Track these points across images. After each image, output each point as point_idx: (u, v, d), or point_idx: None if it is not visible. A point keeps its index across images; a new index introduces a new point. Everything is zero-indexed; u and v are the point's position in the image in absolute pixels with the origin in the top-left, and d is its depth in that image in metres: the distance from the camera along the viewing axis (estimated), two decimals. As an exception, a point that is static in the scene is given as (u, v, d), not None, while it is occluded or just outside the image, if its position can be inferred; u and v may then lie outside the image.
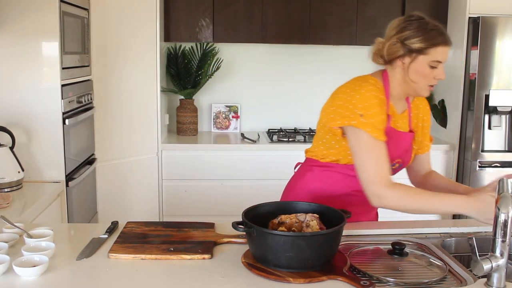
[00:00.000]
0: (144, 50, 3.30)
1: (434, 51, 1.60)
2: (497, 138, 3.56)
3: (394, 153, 1.69)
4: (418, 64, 1.61)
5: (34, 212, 2.07)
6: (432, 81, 1.63)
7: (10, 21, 2.31)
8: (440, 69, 1.62)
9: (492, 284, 1.25)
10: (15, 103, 2.37)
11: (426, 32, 1.61)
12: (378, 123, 1.58)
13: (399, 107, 1.74)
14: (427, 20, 1.65)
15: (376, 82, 1.66)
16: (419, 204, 1.54)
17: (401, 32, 1.64)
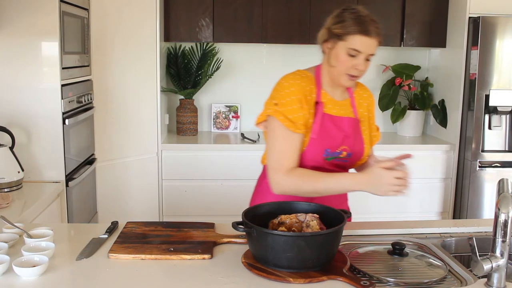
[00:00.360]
0: (144, 50, 3.30)
1: (352, 38, 1.61)
2: (497, 138, 3.56)
3: (336, 139, 1.69)
4: (337, 50, 1.63)
5: (34, 212, 2.07)
6: (350, 70, 1.64)
7: (10, 21, 2.31)
8: (359, 59, 1.63)
9: (492, 284, 1.25)
10: (15, 103, 2.37)
11: (348, 20, 1.63)
12: (290, 112, 1.62)
13: (338, 95, 1.75)
14: (357, 10, 1.66)
15: (303, 73, 1.72)
16: (315, 187, 1.60)
17: (330, 20, 1.69)
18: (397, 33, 3.78)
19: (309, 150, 1.67)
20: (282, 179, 1.62)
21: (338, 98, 1.75)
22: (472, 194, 3.55)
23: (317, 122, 1.67)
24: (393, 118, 3.92)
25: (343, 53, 1.62)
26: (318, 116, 1.68)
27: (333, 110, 1.72)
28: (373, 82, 4.13)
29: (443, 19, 3.77)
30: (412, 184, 3.81)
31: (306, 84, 1.69)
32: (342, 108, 1.75)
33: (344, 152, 1.72)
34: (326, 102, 1.71)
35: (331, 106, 1.72)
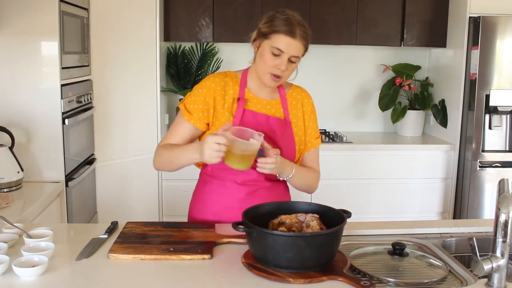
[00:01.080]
0: (144, 50, 3.30)
1: (275, 37, 1.63)
2: (497, 138, 3.56)
3: None
4: (262, 48, 1.67)
5: (33, 212, 2.07)
6: (273, 69, 1.66)
7: (10, 21, 2.31)
8: (280, 58, 1.64)
9: (492, 284, 1.25)
10: (15, 103, 2.37)
11: (274, 20, 1.65)
12: (191, 103, 1.74)
13: (265, 94, 1.77)
14: (286, 12, 1.67)
15: (226, 72, 1.80)
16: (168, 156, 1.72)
17: (263, 20, 1.71)
18: (397, 33, 3.78)
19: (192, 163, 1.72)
20: (155, 152, 1.77)
21: (265, 97, 1.78)
22: (472, 194, 3.55)
23: (237, 117, 1.71)
24: (393, 118, 3.92)
25: (267, 51, 1.65)
26: (239, 111, 1.72)
27: (255, 107, 1.75)
28: (373, 82, 4.14)
29: (444, 19, 3.77)
30: (412, 184, 3.80)
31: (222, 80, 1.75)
32: (267, 107, 1.77)
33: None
34: (249, 99, 1.75)
35: (252, 104, 1.75)
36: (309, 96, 1.87)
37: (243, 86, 1.76)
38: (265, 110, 1.76)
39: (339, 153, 3.58)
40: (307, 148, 1.83)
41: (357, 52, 4.09)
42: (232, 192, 1.74)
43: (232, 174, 1.73)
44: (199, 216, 1.81)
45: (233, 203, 1.72)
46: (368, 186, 3.65)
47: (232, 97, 1.74)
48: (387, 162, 3.64)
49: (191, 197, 1.92)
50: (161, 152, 1.75)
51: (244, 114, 1.72)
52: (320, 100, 1.93)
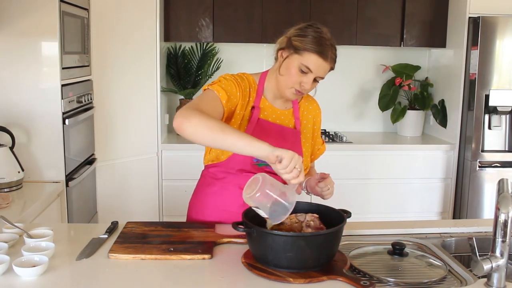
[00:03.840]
0: (144, 50, 3.30)
1: (307, 55, 1.60)
2: (497, 138, 3.56)
3: None
4: (291, 61, 1.63)
5: (34, 212, 2.07)
6: (297, 85, 1.63)
7: (11, 21, 2.31)
8: (308, 77, 1.62)
9: (492, 284, 1.25)
10: (15, 103, 2.37)
11: (309, 37, 1.61)
12: (226, 85, 1.61)
13: (279, 104, 1.76)
14: (321, 30, 1.64)
15: (245, 75, 1.73)
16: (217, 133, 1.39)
17: (294, 31, 1.67)
18: (397, 33, 3.78)
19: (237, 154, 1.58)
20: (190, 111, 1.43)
21: (280, 107, 1.76)
22: (472, 194, 3.55)
23: (250, 126, 1.68)
24: (393, 118, 3.92)
25: (295, 66, 1.62)
26: (253, 120, 1.69)
27: (270, 117, 1.73)
28: (373, 82, 4.14)
29: (443, 19, 3.78)
30: (412, 184, 3.80)
31: (245, 82, 1.70)
32: (281, 117, 1.75)
33: None
34: (264, 108, 1.72)
35: (268, 113, 1.73)
36: (319, 107, 1.88)
37: (260, 94, 1.72)
38: (279, 121, 1.74)
39: (339, 153, 3.58)
40: (316, 155, 1.88)
41: (357, 52, 4.09)
42: (234, 197, 1.71)
43: (237, 180, 1.71)
44: (198, 217, 1.81)
45: (233, 208, 1.70)
46: (368, 186, 3.65)
47: (250, 105, 1.70)
48: (387, 162, 3.64)
49: (191, 196, 1.91)
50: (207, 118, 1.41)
51: (257, 124, 1.69)
52: (320, 100, 1.93)
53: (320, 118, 1.88)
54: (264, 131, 1.69)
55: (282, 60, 1.66)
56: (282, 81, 1.66)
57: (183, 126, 1.40)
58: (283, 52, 1.66)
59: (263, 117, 1.72)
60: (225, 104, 1.60)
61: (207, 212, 1.78)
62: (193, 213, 1.85)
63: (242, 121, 1.69)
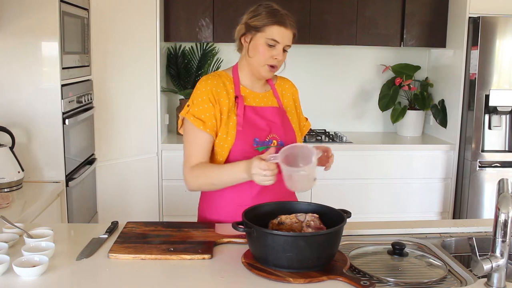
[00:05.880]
0: (144, 50, 3.30)
1: (269, 29, 1.69)
2: (497, 138, 3.56)
3: (262, 128, 1.75)
4: (256, 41, 1.72)
5: (34, 212, 2.07)
6: (269, 60, 1.72)
7: (10, 21, 2.31)
8: (277, 49, 1.70)
9: (492, 284, 1.25)
10: (15, 103, 2.37)
11: (264, 13, 1.71)
12: (201, 112, 1.71)
13: (258, 87, 1.82)
14: (271, 5, 1.74)
15: (218, 73, 1.83)
16: (210, 179, 1.70)
17: (246, 15, 1.78)
18: (397, 33, 3.78)
19: (237, 142, 1.72)
20: (188, 175, 1.74)
21: (259, 91, 1.83)
22: (472, 194, 3.55)
23: (239, 114, 1.73)
24: (393, 118, 3.92)
25: (262, 43, 1.71)
26: (240, 109, 1.74)
27: (253, 102, 1.79)
28: (373, 82, 4.14)
29: (443, 19, 3.77)
30: (412, 184, 3.81)
31: (219, 82, 1.77)
32: (264, 100, 1.81)
33: (274, 141, 1.77)
34: (246, 95, 1.78)
35: (251, 99, 1.79)
36: (294, 85, 1.95)
37: (237, 84, 1.80)
38: (263, 103, 1.81)
39: (339, 153, 3.55)
40: (303, 132, 1.94)
41: (357, 52, 4.09)
42: (245, 189, 1.74)
43: None
44: (213, 217, 1.80)
45: (246, 201, 1.70)
46: (368, 186, 3.65)
47: (233, 96, 1.76)
48: (387, 162, 3.64)
49: (200, 198, 1.91)
50: (198, 175, 1.71)
51: (245, 111, 1.75)
52: (320, 100, 1.93)
53: (298, 96, 1.94)
54: (253, 116, 1.75)
55: (247, 45, 1.75)
56: (254, 62, 1.75)
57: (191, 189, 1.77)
58: (245, 37, 1.76)
59: (247, 103, 1.77)
60: (209, 128, 1.71)
61: (221, 211, 1.78)
62: (206, 214, 1.84)
63: (230, 113, 1.74)
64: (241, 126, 1.73)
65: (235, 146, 1.72)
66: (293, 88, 1.94)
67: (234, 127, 1.73)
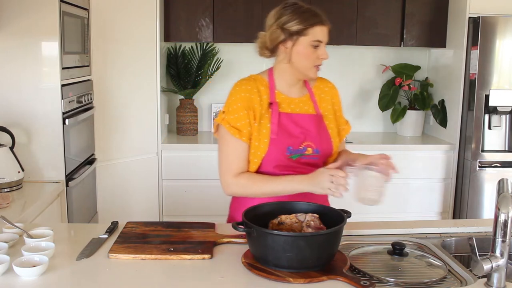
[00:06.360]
0: (144, 50, 3.30)
1: (312, 31, 1.67)
2: (497, 138, 3.56)
3: (297, 136, 1.71)
4: (300, 46, 1.68)
5: (34, 212, 2.07)
6: (316, 61, 1.70)
7: (10, 21, 2.31)
8: (322, 48, 1.70)
9: (492, 284, 1.25)
10: (15, 103, 2.37)
11: (301, 15, 1.67)
12: (236, 120, 1.69)
13: (295, 92, 1.77)
14: (300, 4, 1.71)
15: (253, 77, 1.78)
16: (261, 188, 1.67)
17: (279, 19, 1.69)
18: (397, 33, 3.78)
19: (271, 150, 1.68)
20: (231, 181, 1.69)
21: (296, 96, 1.77)
22: (472, 194, 3.55)
23: (274, 122, 1.70)
24: (393, 118, 3.92)
25: (307, 46, 1.67)
26: (274, 116, 1.70)
27: (288, 108, 1.74)
28: (373, 82, 4.14)
29: (443, 19, 3.77)
30: (412, 184, 3.80)
31: (253, 87, 1.73)
32: (300, 105, 1.76)
33: (309, 148, 1.72)
34: (281, 101, 1.74)
35: (286, 105, 1.74)
36: (335, 87, 1.89)
37: (273, 89, 1.75)
38: (298, 109, 1.75)
39: (339, 153, 3.58)
40: (341, 136, 1.86)
41: (357, 52, 4.09)
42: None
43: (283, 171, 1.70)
44: None
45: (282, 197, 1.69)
46: (368, 186, 3.64)
47: (267, 102, 1.72)
48: (387, 162, 3.64)
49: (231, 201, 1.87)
50: (245, 185, 1.68)
51: (280, 118, 1.71)
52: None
53: (339, 98, 1.87)
54: (287, 123, 1.71)
55: (289, 51, 1.69)
56: (300, 66, 1.70)
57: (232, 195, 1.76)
58: (285, 44, 1.69)
59: (282, 110, 1.73)
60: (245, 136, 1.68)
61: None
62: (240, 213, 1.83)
63: (263, 120, 1.70)
64: (275, 134, 1.68)
65: (268, 154, 1.68)
66: (333, 90, 1.86)
67: (267, 135, 1.69)
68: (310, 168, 1.70)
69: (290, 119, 1.72)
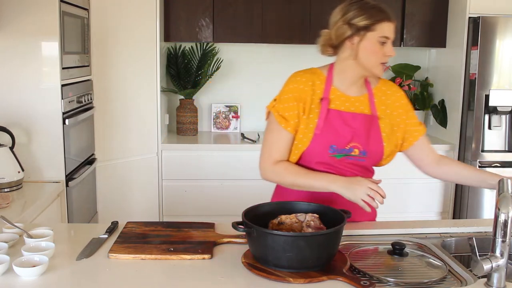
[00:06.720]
0: (144, 50, 3.30)
1: (380, 26, 1.63)
2: (497, 138, 3.56)
3: (343, 135, 1.68)
4: (367, 42, 1.64)
5: (34, 212, 2.07)
6: (382, 58, 1.66)
7: (10, 21, 2.31)
8: (389, 45, 1.66)
9: (492, 284, 1.25)
10: (15, 103, 2.37)
11: (368, 10, 1.64)
12: (285, 110, 1.69)
13: (354, 91, 1.74)
14: (366, 0, 1.68)
15: (313, 70, 1.77)
16: (295, 180, 1.68)
17: (345, 15, 1.67)
18: (397, 33, 3.76)
19: (313, 146, 1.67)
20: (269, 168, 1.71)
21: (353, 94, 1.74)
22: (472, 194, 3.55)
23: (321, 117, 1.68)
24: (393, 118, 3.92)
25: (374, 43, 1.64)
26: (323, 112, 1.68)
27: (342, 106, 1.71)
28: (373, 82, 4.14)
29: (443, 19, 3.77)
30: (412, 184, 3.79)
31: (308, 80, 1.71)
32: (355, 104, 1.73)
33: (356, 149, 1.70)
34: (335, 98, 1.71)
35: (340, 102, 1.71)
36: (400, 89, 1.85)
37: (329, 85, 1.72)
38: (353, 108, 1.72)
39: (339, 153, 3.58)
40: (414, 137, 1.85)
41: (357, 52, 4.08)
42: None
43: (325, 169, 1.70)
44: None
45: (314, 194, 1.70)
46: (368, 186, 3.65)
47: (319, 97, 1.70)
48: (387, 162, 3.64)
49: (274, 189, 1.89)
50: (281, 173, 1.69)
51: (328, 114, 1.68)
52: (320, 100, 1.95)
53: (406, 100, 1.83)
54: (335, 121, 1.68)
55: (356, 47, 1.66)
56: (367, 63, 1.66)
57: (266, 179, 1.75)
58: (353, 39, 1.66)
59: (334, 107, 1.70)
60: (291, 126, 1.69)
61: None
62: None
63: (312, 115, 1.69)
64: (320, 130, 1.67)
65: (309, 149, 1.68)
66: (397, 93, 1.81)
67: (312, 129, 1.67)
68: (355, 169, 1.71)
69: (340, 117, 1.69)
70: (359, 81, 1.75)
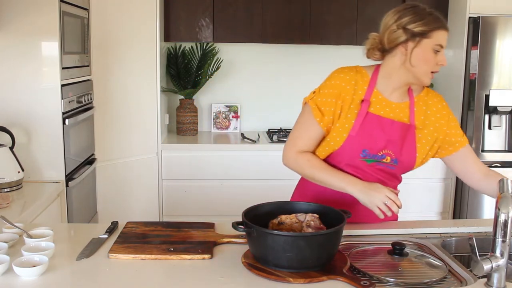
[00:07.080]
0: (144, 50, 3.30)
1: (436, 34, 1.61)
2: (497, 138, 3.56)
3: (377, 141, 1.65)
4: (421, 49, 1.60)
5: (34, 212, 2.07)
6: (434, 67, 1.62)
7: (10, 21, 2.31)
8: (441, 54, 1.63)
9: (492, 284, 1.25)
10: (15, 103, 2.37)
11: (425, 16, 1.61)
12: (321, 104, 1.67)
13: (396, 97, 1.70)
14: (422, 6, 1.65)
15: (357, 68, 1.73)
16: (314, 174, 1.67)
17: (400, 19, 1.61)
18: (397, 33, 3.78)
19: (345, 147, 1.65)
20: (292, 156, 1.70)
21: (395, 100, 1.70)
22: (472, 194, 3.55)
23: (359, 119, 1.64)
24: (393, 118, 3.92)
25: (429, 50, 1.60)
26: (361, 115, 1.65)
27: (381, 111, 1.67)
28: (373, 82, 4.13)
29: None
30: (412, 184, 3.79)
31: (351, 78, 1.68)
32: (395, 111, 1.69)
33: (388, 157, 1.67)
34: (376, 101, 1.67)
35: (381, 107, 1.67)
36: (442, 99, 1.82)
37: (372, 87, 1.68)
38: (393, 114, 1.68)
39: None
40: (455, 147, 1.77)
41: (357, 52, 4.07)
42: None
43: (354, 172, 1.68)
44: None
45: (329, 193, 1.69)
46: (368, 186, 3.65)
47: (360, 98, 1.66)
48: (387, 162, 3.64)
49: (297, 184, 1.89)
50: (303, 164, 1.68)
51: (366, 118, 1.65)
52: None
53: (448, 110, 1.80)
54: (372, 125, 1.65)
55: (409, 53, 1.61)
56: (418, 71, 1.62)
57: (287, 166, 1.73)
58: (407, 45, 1.61)
59: (374, 111, 1.66)
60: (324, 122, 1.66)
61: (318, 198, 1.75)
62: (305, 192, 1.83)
63: (350, 115, 1.66)
64: (355, 132, 1.64)
65: (341, 149, 1.65)
66: (439, 104, 1.79)
67: (347, 130, 1.64)
68: (383, 175, 1.71)
69: (378, 122, 1.66)
70: (403, 88, 1.70)
